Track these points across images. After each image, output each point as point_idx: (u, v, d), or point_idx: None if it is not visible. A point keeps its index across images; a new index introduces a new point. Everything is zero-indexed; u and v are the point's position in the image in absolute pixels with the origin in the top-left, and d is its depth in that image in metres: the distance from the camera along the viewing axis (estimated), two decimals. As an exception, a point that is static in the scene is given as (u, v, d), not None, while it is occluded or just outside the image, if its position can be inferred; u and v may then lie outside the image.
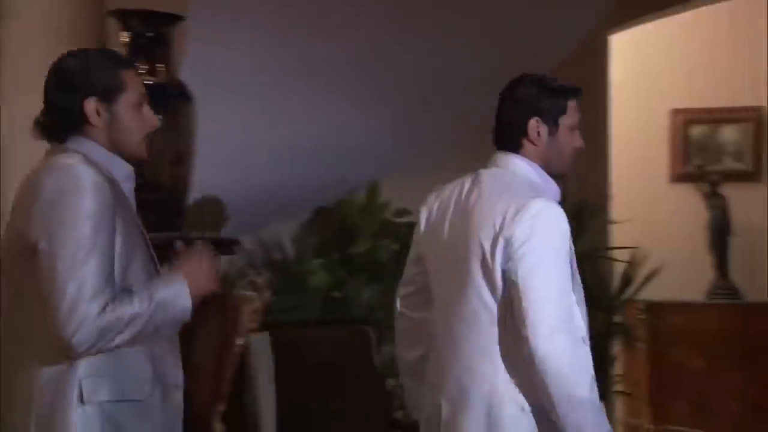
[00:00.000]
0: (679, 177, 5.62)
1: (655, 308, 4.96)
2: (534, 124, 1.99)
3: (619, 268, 4.39)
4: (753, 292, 5.43)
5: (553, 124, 2.00)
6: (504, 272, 1.90)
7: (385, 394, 3.51)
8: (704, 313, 5.12)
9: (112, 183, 1.74)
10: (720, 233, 5.33)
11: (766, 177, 5.52)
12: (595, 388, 1.89)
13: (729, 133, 5.62)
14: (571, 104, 2.03)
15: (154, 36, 2.61)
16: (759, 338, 5.16)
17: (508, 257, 1.89)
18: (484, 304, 1.93)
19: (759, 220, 5.47)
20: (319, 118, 3.67)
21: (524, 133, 2.00)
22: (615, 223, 4.50)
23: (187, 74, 1.94)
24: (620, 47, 5.05)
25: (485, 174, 2.01)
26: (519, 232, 1.88)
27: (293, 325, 3.32)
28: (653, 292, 4.76)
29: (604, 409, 1.91)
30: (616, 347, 4.53)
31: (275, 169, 3.75)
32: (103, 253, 1.68)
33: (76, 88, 1.75)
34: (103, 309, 1.66)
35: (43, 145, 1.81)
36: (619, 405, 5.05)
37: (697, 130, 5.65)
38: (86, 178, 1.69)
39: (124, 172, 1.79)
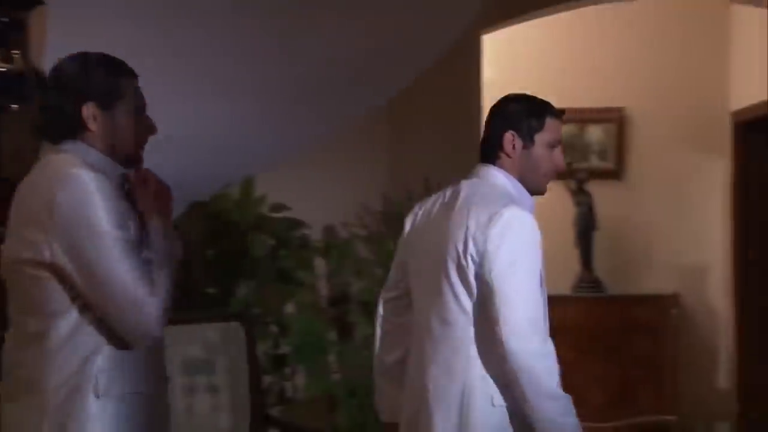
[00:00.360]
0: (548, 174, 5.74)
1: (525, 301, 5.03)
2: (509, 138, 2.09)
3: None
4: (615, 285, 5.61)
5: (528, 139, 2.09)
6: (477, 274, 1.99)
7: (261, 390, 3.44)
8: (571, 306, 5.24)
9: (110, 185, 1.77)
10: (586, 229, 5.47)
11: (628, 175, 5.73)
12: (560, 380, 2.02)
13: (595, 133, 5.77)
14: (551, 122, 2.12)
15: (9, 21, 2.45)
16: (620, 329, 5.33)
17: (481, 260, 1.98)
18: (460, 306, 2.02)
19: (621, 217, 5.66)
20: (191, 110, 3.54)
21: (500, 146, 2.09)
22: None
23: (50, 62, 1.83)
24: (493, 47, 5.11)
25: (465, 184, 2.11)
26: (492, 236, 1.98)
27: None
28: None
29: (571, 401, 2.03)
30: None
31: (145, 162, 3.60)
32: (132, 245, 1.73)
33: (75, 93, 1.76)
34: (156, 293, 1.72)
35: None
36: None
37: (565, 129, 5.76)
38: (94, 184, 1.71)
39: (116, 175, 1.80)
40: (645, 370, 5.26)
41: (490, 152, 2.11)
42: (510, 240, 1.98)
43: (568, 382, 6.16)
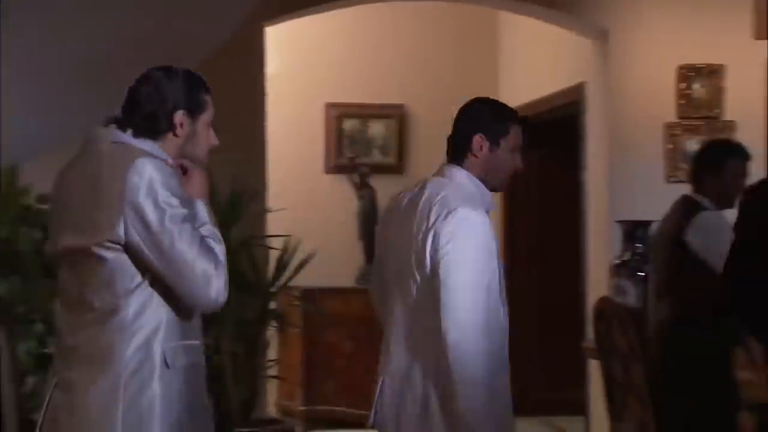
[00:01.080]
0: (333, 168, 5.78)
1: (308, 294, 5.02)
2: (478, 140, 2.26)
3: (274, 256, 4.41)
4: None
5: (494, 142, 2.26)
6: (432, 266, 2.15)
7: (21, 394, 3.20)
8: (353, 297, 5.28)
9: None
10: (368, 221, 5.53)
11: (409, 170, 5.87)
12: (501, 375, 2.16)
13: (377, 128, 5.87)
14: (514, 128, 2.28)
15: None
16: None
17: (435, 253, 2.15)
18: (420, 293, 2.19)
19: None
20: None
21: (469, 147, 2.25)
22: (271, 211, 4.50)
23: None
24: (276, 39, 5.05)
25: (431, 182, 2.26)
26: (446, 231, 2.15)
27: None
28: (308, 279, 4.82)
29: (506, 395, 2.17)
30: (271, 333, 4.54)
31: None
32: (195, 224, 1.91)
33: (169, 101, 1.96)
34: (219, 266, 1.90)
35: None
36: (273, 389, 5.07)
37: (349, 124, 5.85)
38: (161, 169, 1.89)
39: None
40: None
41: (458, 152, 2.27)
42: (461, 236, 2.14)
43: (348, 371, 6.24)
